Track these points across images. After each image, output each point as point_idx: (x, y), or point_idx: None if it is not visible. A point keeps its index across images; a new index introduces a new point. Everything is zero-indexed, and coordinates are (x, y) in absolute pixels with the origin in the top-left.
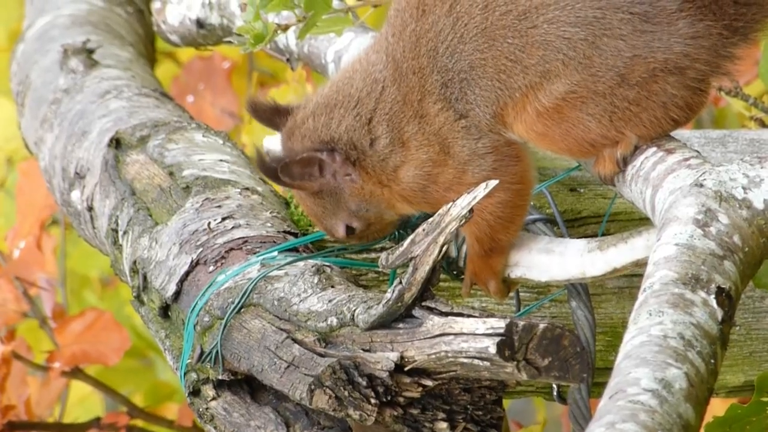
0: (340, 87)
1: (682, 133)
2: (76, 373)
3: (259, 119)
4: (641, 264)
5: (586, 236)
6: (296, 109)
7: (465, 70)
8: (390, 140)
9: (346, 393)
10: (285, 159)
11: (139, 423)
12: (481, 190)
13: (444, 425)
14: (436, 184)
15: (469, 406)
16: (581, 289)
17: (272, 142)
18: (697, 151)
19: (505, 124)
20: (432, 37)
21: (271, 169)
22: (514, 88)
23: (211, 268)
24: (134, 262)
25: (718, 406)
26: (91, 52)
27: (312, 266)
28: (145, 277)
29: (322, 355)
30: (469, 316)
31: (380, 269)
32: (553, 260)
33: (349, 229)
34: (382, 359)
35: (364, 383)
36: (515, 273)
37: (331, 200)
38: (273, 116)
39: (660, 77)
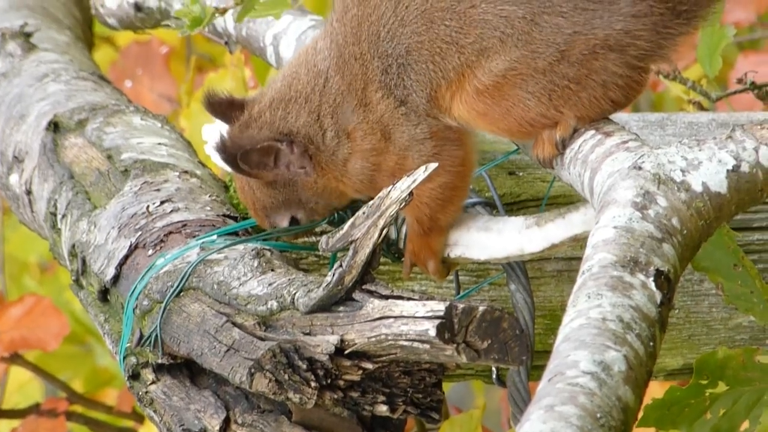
0: (290, 81)
1: (620, 116)
2: (15, 358)
3: (213, 112)
4: (579, 239)
5: None
6: (251, 102)
7: (402, 54)
8: (335, 132)
9: (286, 376)
10: (245, 146)
11: (79, 409)
12: (421, 173)
13: (384, 408)
14: (380, 171)
15: (409, 389)
16: (520, 272)
17: (211, 131)
18: (636, 134)
19: (441, 107)
20: (374, 20)
21: (231, 155)
22: (448, 68)
23: (150, 251)
24: (73, 246)
25: (657, 389)
26: (28, 35)
27: (252, 250)
28: (84, 261)
29: (262, 339)
30: (409, 299)
31: (320, 253)
32: (491, 238)
33: (293, 221)
34: (322, 342)
35: (304, 366)
36: (454, 252)
37: (282, 191)
38: (227, 110)
39: (600, 54)
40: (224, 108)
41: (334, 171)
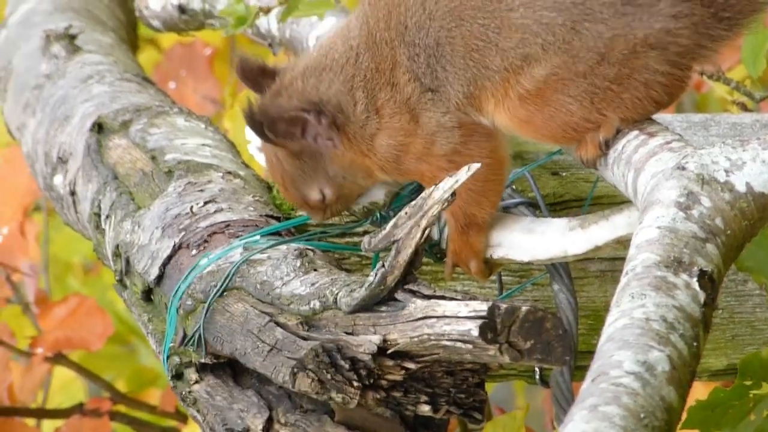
0: (327, 51)
1: (663, 116)
2: (59, 358)
3: (245, 80)
4: (623, 241)
5: None
6: (283, 70)
7: (431, 46)
8: (365, 106)
9: (329, 376)
10: (273, 115)
11: (122, 408)
12: (464, 173)
13: (427, 408)
14: (408, 153)
15: (451, 389)
16: (563, 273)
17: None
18: (679, 135)
19: (482, 110)
20: (402, 11)
21: (257, 122)
22: (492, 69)
23: (194, 251)
24: (117, 246)
25: (701, 390)
26: (73, 37)
27: (294, 250)
28: (127, 261)
29: (304, 339)
30: (451, 299)
31: (363, 253)
32: (534, 239)
33: (321, 198)
34: (365, 342)
35: (347, 366)
36: (497, 253)
37: (309, 163)
38: (259, 77)
39: (641, 53)
40: (256, 75)
41: (362, 145)
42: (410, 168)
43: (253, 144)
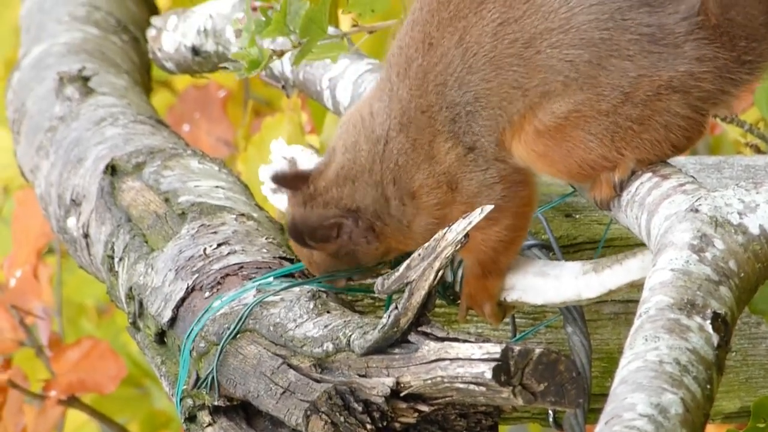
0: (354, 155)
1: (677, 159)
2: (72, 401)
3: (281, 186)
4: (636, 285)
5: None
6: (315, 174)
7: (470, 102)
8: (399, 200)
9: (342, 418)
10: (314, 224)
11: None
12: (476, 215)
13: None
14: (446, 223)
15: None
16: (577, 315)
17: (266, 172)
18: (693, 177)
19: (506, 149)
20: (441, 70)
21: (301, 234)
22: (513, 112)
23: (207, 294)
24: (130, 289)
25: None
26: (86, 79)
27: (308, 292)
28: (141, 304)
29: (317, 381)
30: (465, 341)
31: (376, 294)
32: (548, 283)
33: (350, 280)
34: (378, 384)
35: (360, 408)
36: (511, 296)
37: (343, 259)
38: (292, 183)
39: (664, 95)
40: (290, 182)
41: (399, 235)
42: None
43: (266, 186)
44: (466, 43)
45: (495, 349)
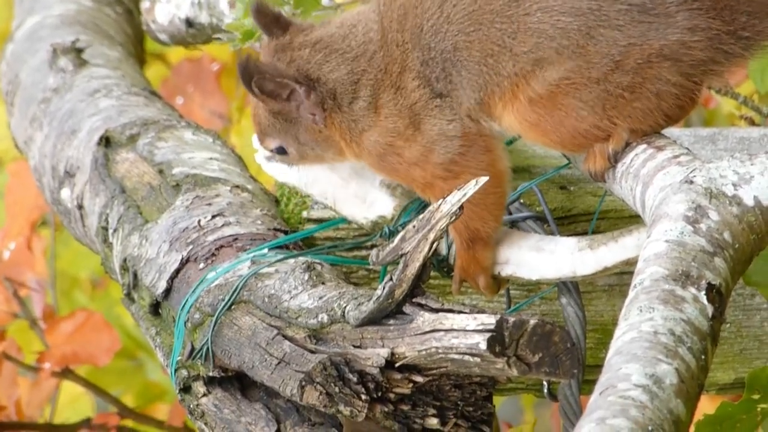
0: (346, 33)
1: (672, 131)
2: (66, 373)
3: (258, 20)
4: (632, 263)
5: (576, 234)
6: (296, 28)
7: (449, 50)
8: (367, 104)
9: (337, 389)
10: (265, 72)
11: (130, 423)
12: (471, 187)
13: (435, 421)
14: (400, 156)
15: (459, 402)
16: (571, 287)
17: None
18: (687, 149)
19: (492, 114)
20: (419, 13)
21: (249, 74)
22: (503, 75)
23: (202, 265)
24: (124, 260)
25: (708, 404)
26: (80, 51)
27: (302, 263)
28: (135, 275)
29: (312, 352)
30: (459, 312)
31: (371, 266)
32: (543, 258)
33: (281, 150)
34: (373, 355)
35: (355, 379)
36: (505, 271)
37: (283, 123)
38: (272, 23)
39: (655, 63)
40: (269, 21)
41: (347, 134)
42: (399, 169)
43: (260, 154)
44: None
45: (489, 320)
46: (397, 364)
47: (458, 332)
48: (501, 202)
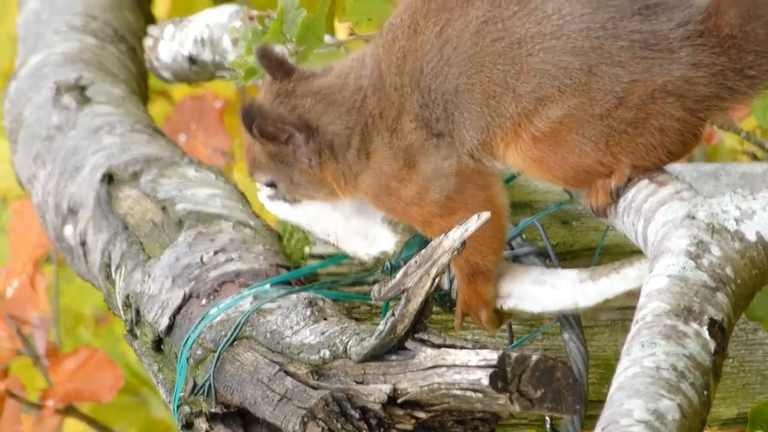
0: (342, 84)
1: (674, 166)
2: (69, 410)
3: (263, 64)
4: (633, 294)
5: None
6: (299, 75)
7: (450, 92)
8: (358, 150)
9: (339, 425)
10: (267, 116)
11: None
12: (473, 222)
13: None
14: (397, 197)
15: None
16: (574, 322)
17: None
18: (689, 184)
19: (495, 154)
20: (419, 56)
21: (251, 117)
22: (505, 116)
23: (204, 301)
24: (127, 296)
25: None
26: (83, 88)
27: (304, 299)
28: (137, 311)
29: (314, 388)
30: (461, 347)
31: (373, 302)
32: (545, 291)
33: (271, 184)
34: (375, 391)
35: (357, 415)
36: (507, 304)
37: (279, 164)
38: (276, 67)
39: (659, 98)
40: (273, 65)
41: (340, 178)
42: (396, 209)
43: (262, 192)
44: (447, 36)
45: (492, 356)
46: (399, 400)
47: (460, 368)
48: (499, 236)
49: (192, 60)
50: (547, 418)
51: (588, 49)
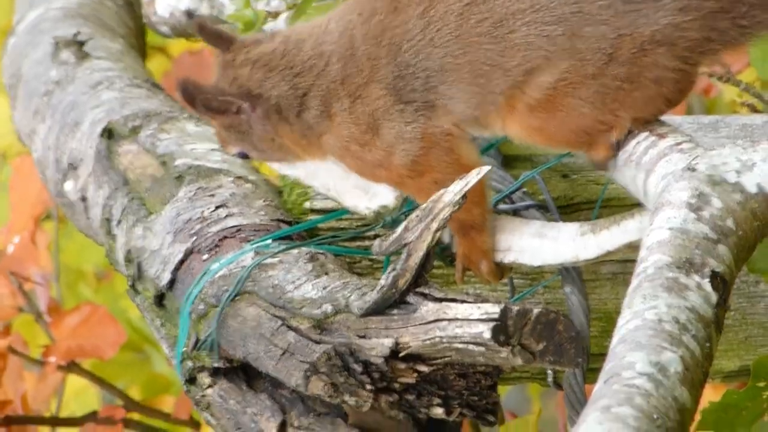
0: (289, 49)
1: (673, 118)
2: (72, 367)
3: (204, 39)
4: (634, 246)
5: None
6: (238, 45)
7: (435, 69)
8: (320, 112)
9: (342, 379)
10: (209, 93)
11: (136, 416)
12: (473, 176)
13: (440, 410)
14: (361, 160)
15: (464, 392)
16: (575, 275)
17: None
18: (690, 136)
19: (488, 126)
20: (398, 33)
21: (191, 95)
22: (496, 92)
23: (205, 256)
24: (128, 252)
25: (713, 392)
26: (82, 44)
27: (306, 254)
28: (139, 267)
29: (317, 342)
30: (463, 301)
31: (374, 256)
32: (545, 244)
33: (243, 155)
34: (377, 345)
35: (360, 369)
36: (508, 258)
37: (238, 134)
38: (215, 41)
39: (649, 50)
40: (213, 38)
41: (301, 140)
42: (363, 171)
43: None
44: (430, 17)
45: (493, 309)
46: (401, 354)
47: (462, 321)
48: (476, 189)
49: (189, 14)
50: (549, 372)
51: (568, 15)
